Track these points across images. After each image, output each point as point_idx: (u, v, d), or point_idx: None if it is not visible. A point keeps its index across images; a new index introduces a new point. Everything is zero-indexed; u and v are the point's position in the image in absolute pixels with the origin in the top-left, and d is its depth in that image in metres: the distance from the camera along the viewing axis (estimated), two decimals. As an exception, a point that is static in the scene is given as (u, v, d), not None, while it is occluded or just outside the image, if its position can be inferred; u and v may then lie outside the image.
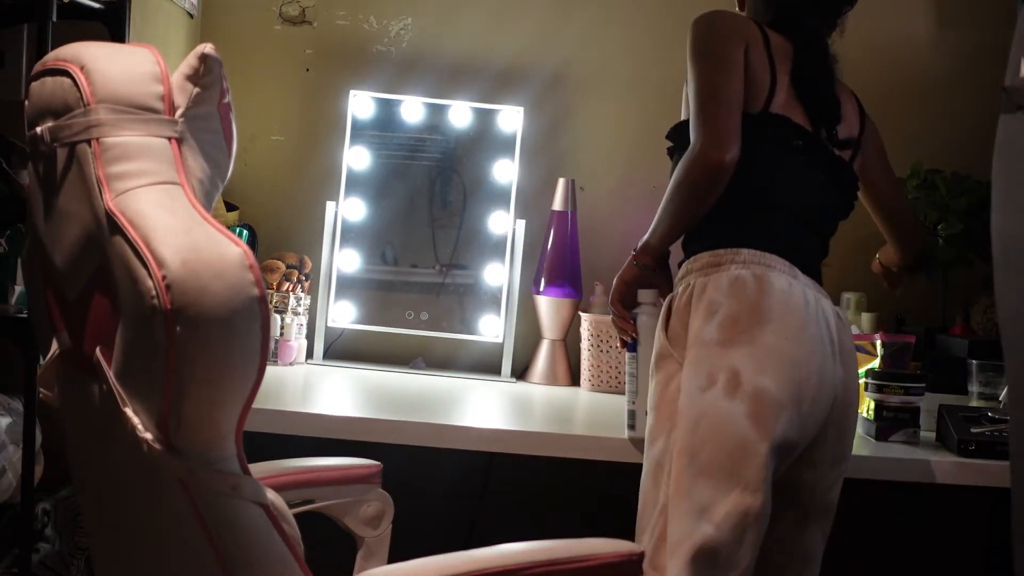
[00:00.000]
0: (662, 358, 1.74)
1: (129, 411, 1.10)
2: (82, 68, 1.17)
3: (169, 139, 1.17)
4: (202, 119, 1.20)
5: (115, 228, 1.11)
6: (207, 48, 1.19)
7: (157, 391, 1.07)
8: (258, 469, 1.52)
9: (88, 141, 1.16)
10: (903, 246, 2.12)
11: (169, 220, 1.10)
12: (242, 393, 1.10)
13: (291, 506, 1.50)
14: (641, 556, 1.27)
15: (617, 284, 1.89)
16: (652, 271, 1.85)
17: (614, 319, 1.91)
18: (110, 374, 1.13)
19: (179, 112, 1.18)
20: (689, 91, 1.76)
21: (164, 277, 1.05)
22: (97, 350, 1.15)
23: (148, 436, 1.09)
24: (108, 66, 1.18)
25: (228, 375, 1.08)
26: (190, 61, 1.19)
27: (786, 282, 1.68)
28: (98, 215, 1.13)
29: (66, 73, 1.18)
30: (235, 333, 1.07)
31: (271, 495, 1.18)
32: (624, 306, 1.88)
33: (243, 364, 1.08)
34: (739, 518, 1.58)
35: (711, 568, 1.58)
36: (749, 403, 1.61)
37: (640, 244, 1.85)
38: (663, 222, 1.79)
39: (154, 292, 1.05)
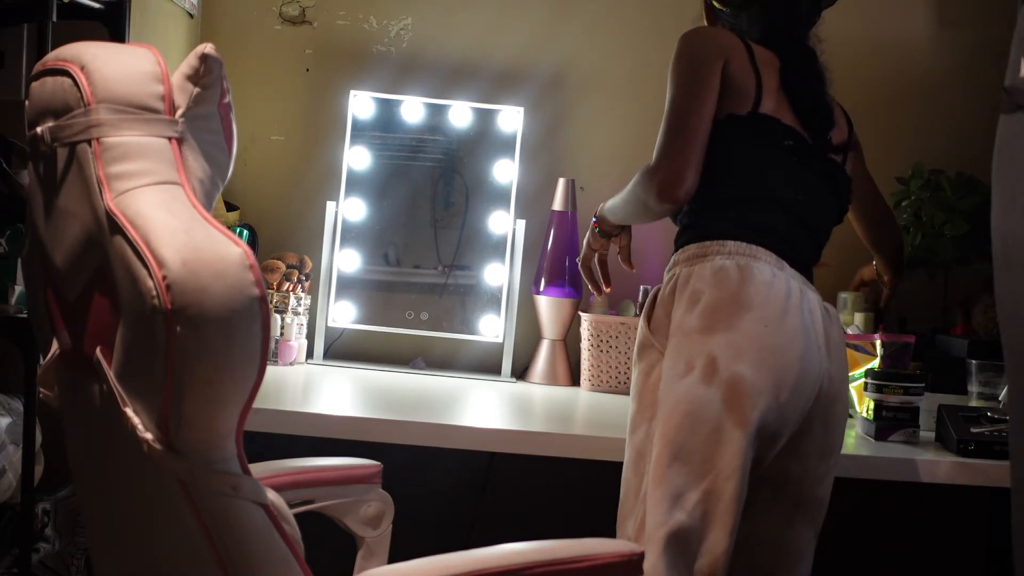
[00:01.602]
0: (644, 347, 1.76)
1: (129, 411, 1.10)
2: (82, 68, 1.17)
3: (169, 139, 1.17)
4: (202, 119, 1.20)
5: (115, 228, 1.11)
6: (207, 48, 1.19)
7: (157, 391, 1.07)
8: (258, 469, 1.52)
9: (88, 141, 1.16)
10: (882, 244, 2.17)
11: (169, 220, 1.10)
12: (242, 393, 1.09)
13: (291, 506, 1.50)
14: (641, 556, 1.27)
15: (585, 250, 2.09)
16: (612, 232, 2.03)
17: (585, 278, 2.12)
18: (110, 374, 1.13)
19: (179, 112, 1.18)
20: (666, 105, 1.80)
21: (164, 277, 1.05)
22: (97, 350, 1.15)
23: (148, 436, 1.09)
24: (108, 66, 1.18)
25: (228, 375, 1.08)
26: (190, 61, 1.19)
27: (770, 272, 1.69)
28: (98, 215, 1.13)
29: (66, 73, 1.18)
30: (235, 333, 1.07)
31: (271, 495, 1.18)
32: (588, 268, 2.10)
33: (243, 364, 1.08)
34: (711, 504, 1.59)
35: (684, 554, 1.59)
36: (725, 390, 1.62)
37: (599, 212, 2.02)
38: (618, 212, 1.95)
39: (154, 292, 1.05)
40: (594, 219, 2.04)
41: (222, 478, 1.11)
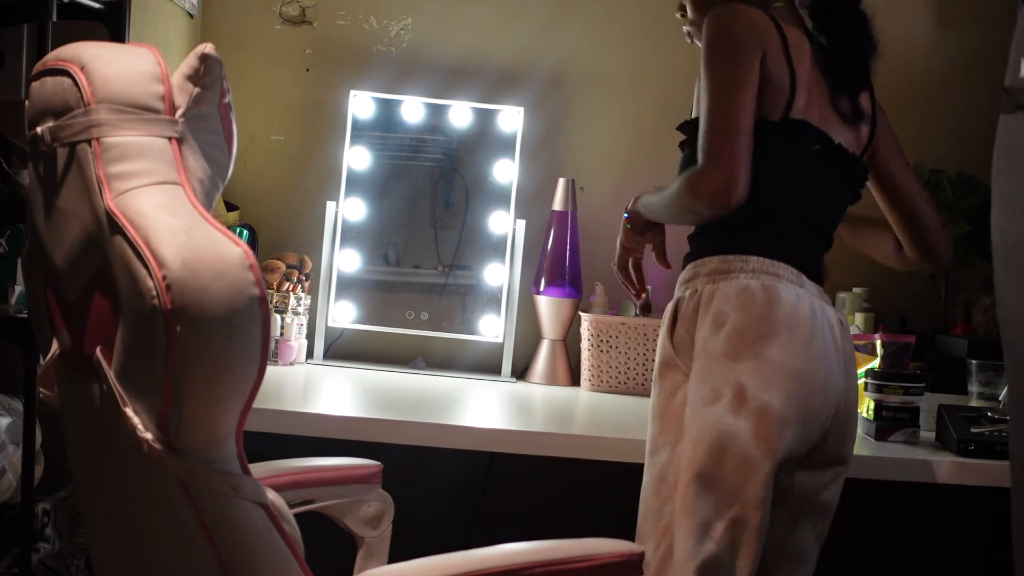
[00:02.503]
0: (667, 367, 1.73)
1: (130, 411, 1.10)
2: (82, 68, 1.17)
3: (169, 139, 1.17)
4: (202, 119, 1.20)
5: (115, 228, 1.11)
6: (207, 48, 1.19)
7: (157, 391, 1.07)
8: (258, 469, 1.52)
9: (88, 141, 1.16)
10: (925, 251, 1.91)
11: (169, 220, 1.10)
12: (243, 393, 1.10)
13: (291, 506, 1.50)
14: (641, 556, 1.27)
15: (620, 252, 1.95)
16: (644, 228, 1.91)
17: (621, 281, 1.98)
18: (110, 374, 1.13)
19: (179, 112, 1.18)
20: (701, 97, 1.69)
21: (164, 277, 1.05)
22: (97, 350, 1.15)
23: (148, 436, 1.09)
24: (108, 66, 1.18)
25: (228, 375, 1.08)
26: (190, 61, 1.19)
27: (794, 294, 1.67)
28: (98, 215, 1.13)
29: (66, 73, 1.18)
30: (235, 333, 1.07)
31: (271, 495, 1.18)
32: (625, 271, 1.96)
33: (243, 364, 1.08)
34: (738, 533, 1.59)
35: None
36: (754, 420, 1.60)
37: (631, 208, 1.91)
38: (655, 211, 1.84)
39: (154, 292, 1.05)
40: (625, 215, 1.93)
41: (222, 478, 1.12)
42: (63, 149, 1.18)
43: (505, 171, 2.66)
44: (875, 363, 2.22)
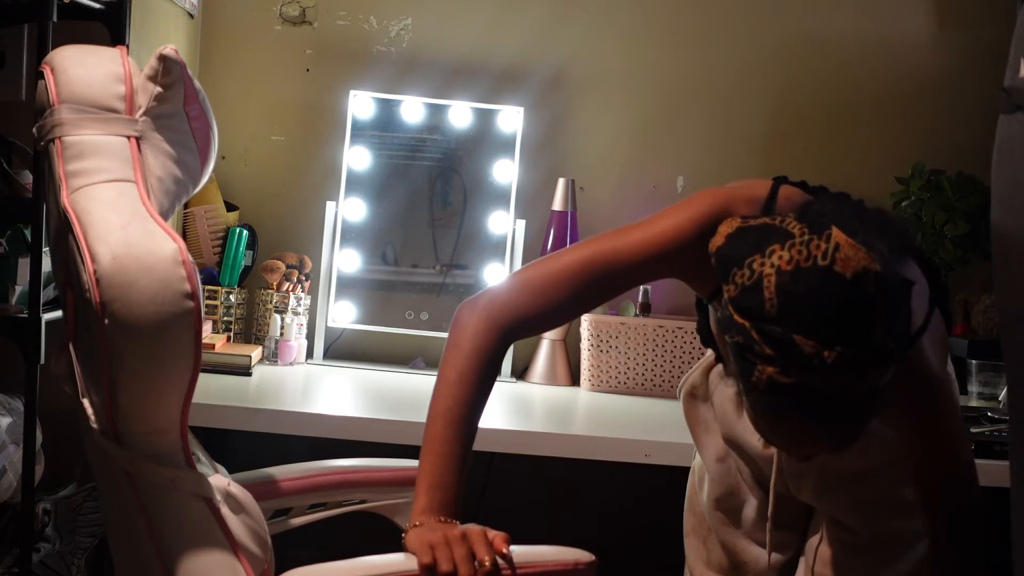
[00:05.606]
0: None
1: (86, 402, 1.13)
2: (52, 70, 1.21)
3: (128, 138, 1.18)
4: (166, 118, 1.22)
5: (68, 225, 1.13)
6: (167, 49, 1.21)
7: (102, 383, 1.09)
8: (300, 469, 1.57)
9: (53, 140, 1.18)
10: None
11: (110, 216, 1.11)
12: (178, 387, 1.11)
13: (344, 505, 1.56)
14: (590, 565, 1.24)
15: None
16: None
17: None
18: (77, 367, 1.15)
19: (140, 112, 1.20)
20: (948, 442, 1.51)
21: (95, 272, 1.07)
22: (70, 344, 1.18)
23: (96, 427, 1.12)
24: (73, 68, 1.21)
25: (159, 369, 1.09)
26: (151, 62, 1.22)
27: None
28: (60, 212, 1.16)
29: (43, 75, 1.22)
30: (164, 328, 1.08)
31: (234, 488, 1.20)
32: None
33: (174, 358, 1.09)
34: None
35: None
36: None
37: None
38: None
39: (87, 286, 1.07)
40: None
41: (161, 471, 1.13)
42: (44, 148, 1.21)
43: (505, 171, 2.66)
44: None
